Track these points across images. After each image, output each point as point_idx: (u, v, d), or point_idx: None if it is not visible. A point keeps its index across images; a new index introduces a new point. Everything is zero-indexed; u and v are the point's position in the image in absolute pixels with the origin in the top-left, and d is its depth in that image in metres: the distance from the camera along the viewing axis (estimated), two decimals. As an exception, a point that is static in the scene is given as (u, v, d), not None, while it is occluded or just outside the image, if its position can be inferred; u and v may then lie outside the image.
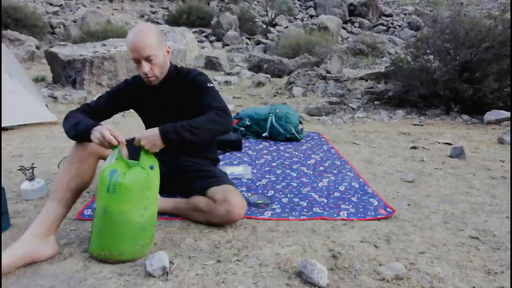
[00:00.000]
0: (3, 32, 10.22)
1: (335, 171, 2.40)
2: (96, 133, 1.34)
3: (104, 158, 1.52)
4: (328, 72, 6.64)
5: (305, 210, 1.78)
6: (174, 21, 15.39)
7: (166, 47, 1.62)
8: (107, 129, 1.33)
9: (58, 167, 2.38)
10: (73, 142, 1.49)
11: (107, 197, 1.26)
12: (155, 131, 1.37)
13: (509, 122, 4.03)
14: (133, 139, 1.79)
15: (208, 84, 1.64)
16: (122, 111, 1.80)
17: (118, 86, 1.76)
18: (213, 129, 1.47)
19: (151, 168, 1.33)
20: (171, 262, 1.28)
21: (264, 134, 3.33)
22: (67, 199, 1.38)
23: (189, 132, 1.39)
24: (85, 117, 1.53)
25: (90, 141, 1.38)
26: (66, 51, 6.32)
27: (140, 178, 1.30)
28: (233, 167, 2.45)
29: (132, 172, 1.31)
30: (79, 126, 1.43)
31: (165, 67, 1.64)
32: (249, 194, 1.96)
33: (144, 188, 1.31)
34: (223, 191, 1.55)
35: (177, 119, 1.73)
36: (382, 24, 17.95)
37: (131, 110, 1.83)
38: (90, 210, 1.75)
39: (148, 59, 1.52)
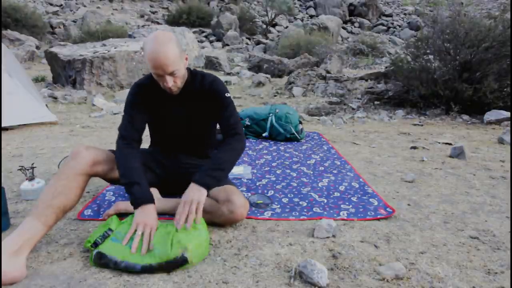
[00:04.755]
0: (3, 32, 10.22)
1: (335, 171, 2.40)
2: (138, 218, 1.34)
3: (96, 176, 1.51)
4: (328, 72, 6.64)
5: (305, 210, 1.78)
6: (174, 21, 15.40)
7: (185, 55, 1.54)
8: (149, 229, 1.31)
9: (58, 167, 2.38)
10: (74, 143, 1.48)
11: None
12: (195, 188, 1.40)
13: (509, 122, 4.03)
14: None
15: (226, 95, 1.64)
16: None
17: (134, 93, 1.63)
18: (236, 159, 1.58)
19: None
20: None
21: (264, 134, 3.33)
22: (47, 217, 1.29)
23: (221, 171, 1.49)
24: (143, 177, 1.48)
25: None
26: (66, 51, 6.32)
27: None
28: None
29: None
30: (134, 191, 1.40)
31: (185, 75, 1.59)
32: (249, 194, 1.96)
33: None
34: (226, 192, 1.55)
35: (188, 125, 1.71)
36: (382, 24, 17.96)
37: None
38: (90, 210, 1.75)
39: (172, 74, 1.46)
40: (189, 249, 1.25)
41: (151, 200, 1.41)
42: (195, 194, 1.38)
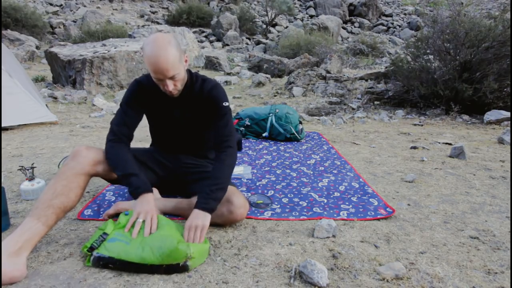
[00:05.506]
0: (3, 32, 10.22)
1: (335, 171, 2.40)
2: (138, 207, 1.37)
3: (97, 175, 1.51)
4: (328, 72, 6.64)
5: (305, 210, 1.78)
6: (174, 21, 15.41)
7: (184, 57, 1.52)
8: (150, 216, 1.34)
9: (58, 167, 2.38)
10: (74, 143, 1.48)
11: None
12: (200, 214, 1.39)
13: (509, 122, 4.03)
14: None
15: (223, 104, 1.61)
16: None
17: (133, 90, 1.63)
18: (231, 173, 1.58)
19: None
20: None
21: (264, 134, 3.33)
22: (47, 217, 1.29)
23: (222, 190, 1.48)
24: (136, 167, 1.50)
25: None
26: (66, 51, 6.32)
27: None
28: (233, 167, 2.45)
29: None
30: (132, 181, 1.43)
31: (185, 77, 1.57)
32: (249, 194, 1.96)
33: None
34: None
35: (188, 127, 1.72)
36: (382, 24, 17.95)
37: None
38: (90, 210, 1.75)
39: (172, 78, 1.44)
40: (193, 256, 1.25)
41: (149, 189, 1.44)
42: (200, 220, 1.37)
